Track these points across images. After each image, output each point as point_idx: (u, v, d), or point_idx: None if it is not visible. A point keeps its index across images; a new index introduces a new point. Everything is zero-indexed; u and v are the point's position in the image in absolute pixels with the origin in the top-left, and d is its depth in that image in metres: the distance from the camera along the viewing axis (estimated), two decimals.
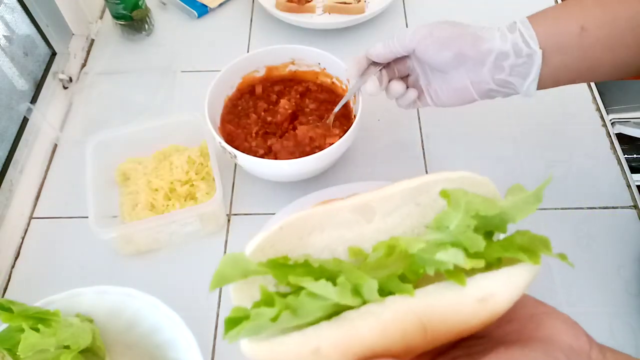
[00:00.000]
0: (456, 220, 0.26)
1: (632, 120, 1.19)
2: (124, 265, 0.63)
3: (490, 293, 0.25)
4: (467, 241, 0.25)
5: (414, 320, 0.25)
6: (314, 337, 0.24)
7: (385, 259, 0.26)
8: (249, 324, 0.24)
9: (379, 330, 0.24)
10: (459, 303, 0.25)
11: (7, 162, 0.69)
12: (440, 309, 0.25)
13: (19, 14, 0.77)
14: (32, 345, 0.43)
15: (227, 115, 0.69)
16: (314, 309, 0.25)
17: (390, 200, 0.28)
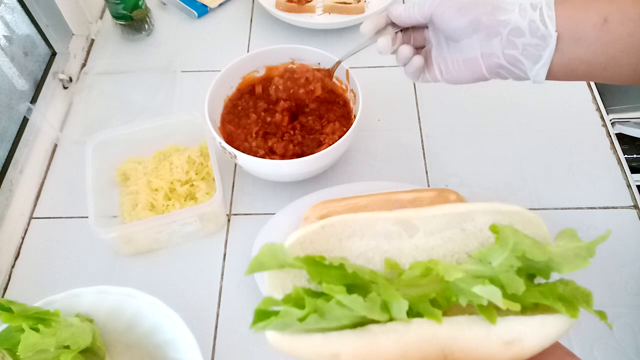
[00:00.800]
0: (501, 258, 0.25)
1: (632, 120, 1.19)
2: (124, 265, 0.63)
3: (519, 338, 0.25)
4: (508, 281, 0.25)
5: (436, 348, 0.25)
6: (336, 342, 0.25)
7: (419, 279, 0.26)
8: (277, 320, 0.25)
9: (400, 349, 0.25)
10: (485, 341, 0.25)
11: (7, 162, 0.69)
12: (464, 342, 0.25)
13: (19, 14, 0.77)
14: (32, 345, 0.43)
15: (227, 116, 0.69)
16: (340, 317, 0.25)
17: (434, 221, 0.28)
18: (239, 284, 0.61)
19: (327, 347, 0.25)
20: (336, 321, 0.25)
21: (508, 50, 0.48)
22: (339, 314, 0.25)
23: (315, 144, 0.66)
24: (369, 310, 0.25)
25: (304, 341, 0.25)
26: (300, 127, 0.67)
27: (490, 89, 0.78)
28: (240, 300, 0.60)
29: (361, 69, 0.78)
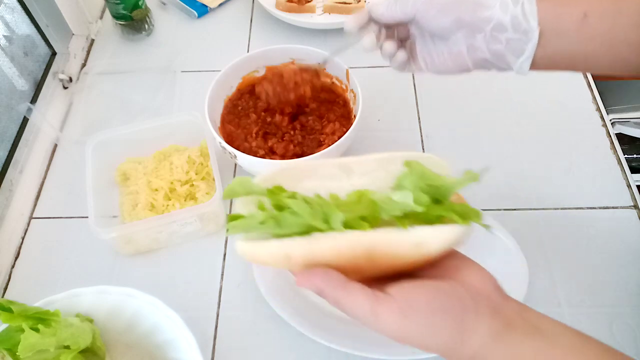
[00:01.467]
0: (409, 181, 0.34)
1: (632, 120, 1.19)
2: (124, 265, 0.63)
3: (425, 241, 0.32)
4: (416, 196, 0.33)
5: (362, 249, 0.32)
6: (288, 245, 0.32)
7: (354, 204, 0.34)
8: (244, 221, 0.33)
9: (336, 250, 0.32)
10: (399, 243, 0.32)
11: (7, 162, 0.69)
12: (384, 245, 0.32)
13: (19, 14, 0.77)
14: (32, 345, 0.43)
15: (227, 116, 0.69)
16: (292, 224, 0.33)
17: (367, 164, 0.36)
18: (239, 284, 0.61)
19: (282, 250, 0.33)
20: (289, 228, 0.33)
21: (492, 46, 0.50)
22: (290, 222, 0.32)
23: (315, 144, 0.66)
24: (312, 217, 0.32)
25: (264, 245, 0.33)
26: (300, 127, 0.67)
27: (490, 89, 0.78)
28: (240, 300, 0.60)
29: (361, 69, 0.78)
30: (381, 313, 0.31)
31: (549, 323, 0.33)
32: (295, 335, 0.55)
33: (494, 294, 0.34)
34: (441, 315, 0.31)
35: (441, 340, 0.32)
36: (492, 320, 0.32)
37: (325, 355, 0.55)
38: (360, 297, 0.32)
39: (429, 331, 0.31)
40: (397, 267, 0.34)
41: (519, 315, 0.33)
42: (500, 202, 0.66)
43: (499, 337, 0.32)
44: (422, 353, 0.53)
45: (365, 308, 0.31)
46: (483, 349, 0.32)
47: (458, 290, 0.33)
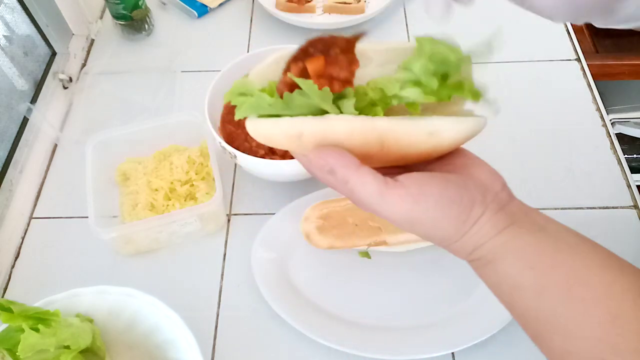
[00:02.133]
0: (419, 64, 0.32)
1: (632, 120, 1.19)
2: (124, 265, 0.63)
3: (439, 130, 0.32)
4: (426, 81, 0.32)
5: (375, 135, 0.32)
6: (300, 123, 0.32)
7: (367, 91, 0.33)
8: (252, 99, 0.33)
9: (348, 131, 0.32)
10: (413, 131, 0.32)
11: (7, 162, 0.69)
12: (397, 132, 0.32)
13: (19, 14, 0.77)
14: (32, 345, 0.43)
15: (227, 116, 0.69)
16: (302, 105, 0.32)
17: (386, 54, 0.35)
18: (239, 284, 0.61)
19: (293, 127, 0.32)
20: (298, 109, 0.32)
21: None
22: (300, 102, 0.32)
23: None
24: (322, 99, 0.31)
25: (276, 122, 0.32)
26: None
27: (491, 89, 0.78)
28: (240, 300, 0.60)
29: None
30: (389, 197, 0.31)
31: (554, 224, 0.33)
32: (295, 335, 0.55)
33: (501, 192, 0.34)
34: (450, 205, 0.31)
35: (445, 229, 0.32)
36: (498, 215, 0.32)
37: (325, 355, 0.55)
38: (369, 179, 0.31)
39: (436, 219, 0.32)
40: (408, 158, 0.34)
41: (525, 214, 0.33)
42: None
43: (503, 231, 0.32)
44: (422, 352, 0.53)
45: (373, 191, 0.31)
46: (485, 240, 0.32)
47: (467, 184, 0.33)
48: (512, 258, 0.31)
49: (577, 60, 0.81)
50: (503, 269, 0.32)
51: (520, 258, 0.31)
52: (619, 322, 0.28)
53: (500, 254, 0.32)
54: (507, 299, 0.33)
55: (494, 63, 0.81)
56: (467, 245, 0.33)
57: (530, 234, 0.32)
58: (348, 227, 0.59)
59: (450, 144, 0.33)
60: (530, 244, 0.31)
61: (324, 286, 0.59)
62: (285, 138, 0.33)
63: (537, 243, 0.31)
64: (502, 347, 0.55)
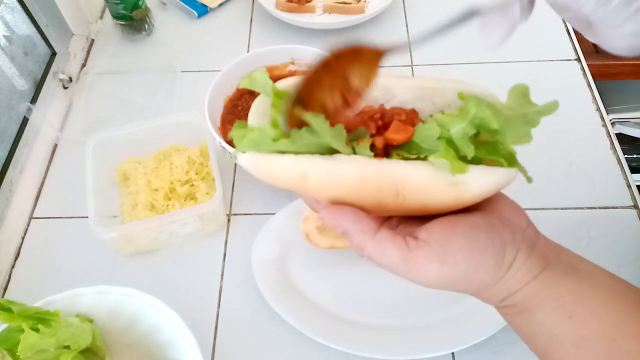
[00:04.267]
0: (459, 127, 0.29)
1: (632, 120, 1.19)
2: (124, 265, 0.63)
3: (464, 181, 0.28)
4: (461, 146, 0.29)
5: (391, 181, 0.28)
6: (306, 164, 0.28)
7: None
8: (254, 134, 0.29)
9: (360, 177, 0.28)
10: (433, 180, 0.28)
11: (7, 162, 0.69)
12: (415, 180, 0.28)
13: (19, 14, 0.77)
14: (32, 345, 0.43)
15: (227, 116, 0.69)
16: (310, 144, 0.28)
17: (412, 92, 0.31)
18: (239, 284, 0.61)
19: (298, 167, 0.28)
20: (306, 148, 0.29)
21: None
22: (308, 141, 0.28)
23: None
24: (334, 138, 0.28)
25: (278, 159, 0.29)
26: None
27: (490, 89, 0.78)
28: (240, 300, 0.60)
29: None
30: (415, 262, 0.29)
31: (587, 264, 0.31)
32: (295, 335, 0.55)
33: (528, 229, 0.31)
34: (481, 255, 0.29)
35: (480, 281, 0.29)
36: (531, 258, 0.30)
37: (325, 355, 0.55)
38: (389, 246, 0.29)
39: (469, 272, 0.29)
40: (426, 208, 0.30)
41: (557, 255, 0.31)
42: None
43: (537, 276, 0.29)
44: (422, 352, 0.53)
45: (396, 258, 0.29)
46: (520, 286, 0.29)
47: (495, 224, 0.30)
48: (549, 306, 0.29)
49: (577, 60, 0.81)
50: (539, 318, 0.29)
51: (557, 306, 0.29)
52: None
53: (536, 302, 0.29)
54: (542, 348, 0.30)
55: (494, 63, 0.81)
56: (500, 291, 0.30)
57: (565, 278, 0.29)
58: None
59: (475, 196, 0.29)
60: (567, 291, 0.29)
61: (324, 286, 0.59)
62: (287, 177, 0.29)
63: (574, 289, 0.29)
64: (502, 347, 0.55)
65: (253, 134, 0.29)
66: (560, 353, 0.29)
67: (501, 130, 0.30)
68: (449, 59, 0.82)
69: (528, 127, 0.30)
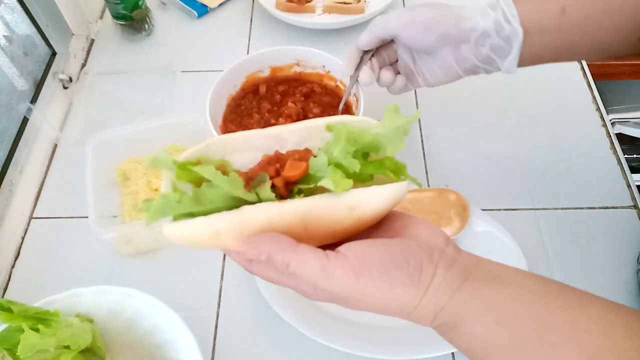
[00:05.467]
0: (338, 148, 0.32)
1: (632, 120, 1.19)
2: (124, 265, 0.63)
3: (359, 203, 0.32)
4: (347, 164, 0.32)
5: (296, 218, 0.31)
6: (216, 221, 0.30)
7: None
8: (159, 202, 0.30)
9: (267, 220, 0.31)
10: (334, 208, 0.31)
11: (7, 162, 0.69)
12: (318, 211, 0.31)
13: (19, 14, 0.77)
14: (32, 345, 0.43)
15: (229, 115, 0.69)
16: (213, 198, 0.31)
17: (299, 134, 0.34)
18: (239, 284, 0.61)
19: (210, 226, 0.30)
20: (211, 203, 0.31)
21: (479, 53, 0.52)
22: (211, 196, 0.30)
23: None
24: (232, 186, 0.30)
25: (190, 224, 0.31)
26: None
27: (491, 89, 0.78)
28: (240, 300, 0.60)
29: None
30: (333, 272, 0.30)
31: (507, 269, 0.32)
32: (295, 335, 0.55)
33: (447, 248, 0.33)
34: (396, 271, 0.30)
35: (399, 297, 0.31)
36: (450, 272, 0.31)
37: (325, 355, 0.55)
38: (310, 256, 0.30)
39: (385, 288, 0.30)
40: (336, 234, 0.33)
41: (476, 266, 0.32)
42: (500, 202, 0.66)
43: (459, 289, 0.31)
44: (422, 352, 0.53)
45: (316, 266, 0.30)
46: (445, 302, 0.31)
47: (410, 246, 0.31)
48: (477, 317, 0.30)
49: (577, 60, 0.81)
50: (470, 330, 0.30)
51: (484, 315, 0.30)
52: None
53: (463, 315, 0.30)
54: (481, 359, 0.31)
55: None
56: (427, 310, 0.31)
57: (487, 286, 0.30)
58: None
59: (374, 214, 0.32)
60: (491, 298, 0.30)
61: None
62: (204, 239, 0.31)
63: (497, 295, 0.30)
64: None
65: (157, 202, 0.30)
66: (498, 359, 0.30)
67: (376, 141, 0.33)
68: None
69: (401, 136, 0.33)
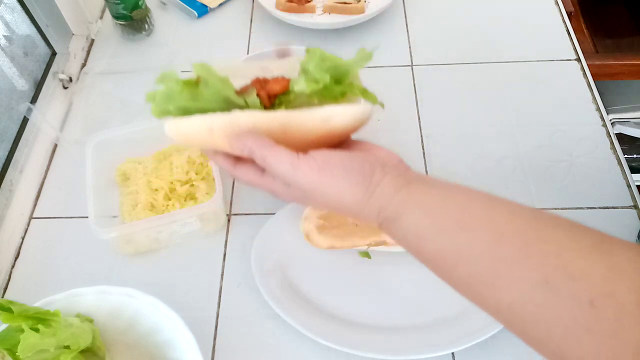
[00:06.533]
0: (312, 63, 0.39)
1: (632, 120, 1.19)
2: (124, 265, 0.63)
3: (330, 116, 0.38)
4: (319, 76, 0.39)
5: (277, 124, 0.38)
6: (209, 119, 0.37)
7: None
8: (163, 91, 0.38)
9: (252, 123, 0.38)
10: (309, 118, 0.38)
11: (7, 162, 0.69)
12: (295, 120, 0.38)
13: (19, 14, 0.77)
14: (32, 345, 0.43)
15: None
16: (208, 96, 0.38)
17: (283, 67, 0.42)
18: (239, 284, 0.61)
19: (204, 123, 0.37)
20: (207, 102, 0.38)
21: None
22: (206, 93, 0.38)
23: None
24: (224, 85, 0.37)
25: (188, 120, 0.38)
26: None
27: (491, 90, 0.78)
28: (240, 300, 0.60)
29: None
30: (300, 167, 0.37)
31: (445, 182, 0.38)
32: (295, 335, 0.55)
33: (399, 164, 0.41)
34: (353, 173, 0.38)
35: (354, 194, 0.37)
36: (395, 179, 0.38)
37: (325, 356, 0.55)
38: (283, 154, 0.38)
39: (342, 184, 0.37)
40: (310, 143, 0.39)
41: (419, 177, 0.39)
42: None
43: (401, 190, 0.37)
44: (422, 352, 0.53)
45: (287, 163, 0.37)
46: (388, 200, 0.37)
47: (368, 157, 0.39)
48: (411, 210, 0.36)
49: (577, 60, 0.81)
50: (406, 222, 0.36)
51: (417, 209, 0.36)
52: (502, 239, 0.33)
53: (401, 210, 0.37)
54: (414, 247, 0.37)
55: (494, 63, 0.81)
56: (373, 207, 0.38)
57: (423, 188, 0.37)
58: (348, 227, 0.59)
59: (343, 127, 0.39)
60: (424, 196, 0.37)
61: (324, 286, 0.59)
62: (198, 133, 0.38)
63: (429, 194, 0.37)
64: (502, 347, 0.55)
65: (161, 91, 0.38)
66: (426, 245, 0.36)
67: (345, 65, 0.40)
68: (449, 59, 0.82)
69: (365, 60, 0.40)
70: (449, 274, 0.36)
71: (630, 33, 1.30)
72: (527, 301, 0.31)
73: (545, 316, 0.30)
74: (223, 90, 0.37)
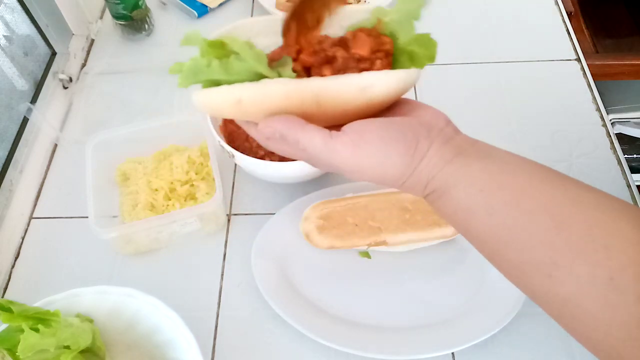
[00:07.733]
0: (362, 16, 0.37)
1: (632, 120, 1.19)
2: (124, 265, 0.63)
3: (370, 84, 0.33)
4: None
5: (310, 94, 0.33)
6: (238, 90, 0.34)
7: None
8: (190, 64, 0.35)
9: (284, 93, 0.33)
10: (345, 87, 0.33)
11: (7, 162, 0.69)
12: (330, 88, 0.33)
13: (19, 14, 0.77)
14: (32, 345, 0.43)
15: None
16: (239, 70, 0.34)
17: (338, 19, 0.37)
18: (239, 284, 0.61)
19: (232, 94, 0.34)
20: (236, 74, 0.34)
21: None
22: (237, 67, 0.34)
23: None
24: (257, 61, 0.34)
25: (216, 90, 0.34)
26: None
27: (491, 90, 0.78)
28: (240, 300, 0.60)
29: None
30: (334, 146, 0.33)
31: (499, 151, 0.35)
32: (295, 335, 0.55)
33: (446, 127, 0.36)
34: (393, 144, 0.33)
35: (395, 166, 0.34)
36: (445, 147, 0.34)
37: (325, 356, 0.55)
38: (315, 134, 0.34)
39: (381, 159, 0.33)
40: (347, 115, 0.35)
41: (471, 145, 0.35)
42: None
43: (451, 161, 0.33)
44: (422, 352, 0.53)
45: (319, 143, 0.34)
46: (436, 172, 0.33)
47: (410, 122, 0.35)
48: (463, 185, 0.33)
49: (577, 60, 0.81)
50: (456, 196, 0.33)
51: (470, 184, 0.33)
52: (564, 227, 0.30)
53: (451, 183, 0.33)
54: (462, 224, 0.34)
55: (494, 63, 0.81)
56: (420, 180, 0.34)
57: (477, 161, 0.33)
58: (348, 227, 0.59)
59: (384, 97, 0.35)
60: (478, 170, 0.33)
61: (324, 286, 0.59)
62: (226, 105, 0.34)
63: (484, 168, 0.33)
64: (502, 347, 0.55)
65: (188, 64, 0.35)
66: (477, 223, 0.33)
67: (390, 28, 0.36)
68: (449, 59, 0.82)
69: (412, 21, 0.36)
70: (498, 257, 0.33)
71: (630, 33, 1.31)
72: (585, 298, 0.28)
73: (605, 316, 0.28)
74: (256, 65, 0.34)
